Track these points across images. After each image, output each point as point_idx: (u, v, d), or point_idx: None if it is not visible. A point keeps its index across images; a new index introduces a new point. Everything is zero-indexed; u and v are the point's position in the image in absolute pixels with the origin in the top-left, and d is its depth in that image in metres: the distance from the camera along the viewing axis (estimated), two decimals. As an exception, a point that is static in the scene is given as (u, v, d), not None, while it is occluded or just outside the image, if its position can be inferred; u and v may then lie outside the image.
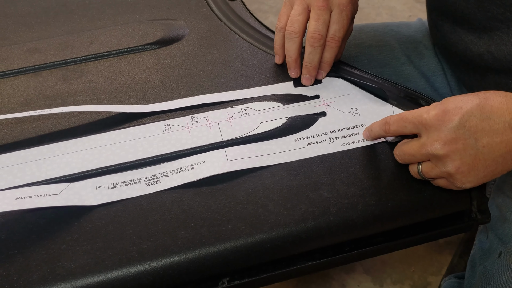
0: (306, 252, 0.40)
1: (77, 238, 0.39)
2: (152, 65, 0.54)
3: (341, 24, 0.47)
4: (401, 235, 0.42)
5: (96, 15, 0.61)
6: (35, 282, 0.37)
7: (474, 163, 0.37)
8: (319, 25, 0.47)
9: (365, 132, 0.46)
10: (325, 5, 0.47)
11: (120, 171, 0.43)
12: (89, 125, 0.47)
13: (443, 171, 0.39)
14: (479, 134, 0.37)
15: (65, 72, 0.54)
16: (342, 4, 0.47)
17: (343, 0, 0.47)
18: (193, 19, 0.60)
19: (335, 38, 0.48)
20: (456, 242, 0.96)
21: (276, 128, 0.46)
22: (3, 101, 0.51)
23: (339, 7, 0.47)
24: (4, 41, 0.58)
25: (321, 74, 0.50)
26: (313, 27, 0.47)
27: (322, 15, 0.47)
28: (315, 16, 0.47)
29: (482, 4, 0.50)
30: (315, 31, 0.47)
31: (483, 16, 0.51)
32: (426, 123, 0.38)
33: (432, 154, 0.38)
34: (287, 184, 0.42)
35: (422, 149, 0.39)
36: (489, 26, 0.51)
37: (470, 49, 0.54)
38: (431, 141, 0.38)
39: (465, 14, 0.53)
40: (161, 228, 0.39)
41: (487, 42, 0.52)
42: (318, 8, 0.47)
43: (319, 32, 0.47)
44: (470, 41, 0.54)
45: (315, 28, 0.47)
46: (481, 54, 0.53)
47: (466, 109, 0.37)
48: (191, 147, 0.45)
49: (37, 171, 0.43)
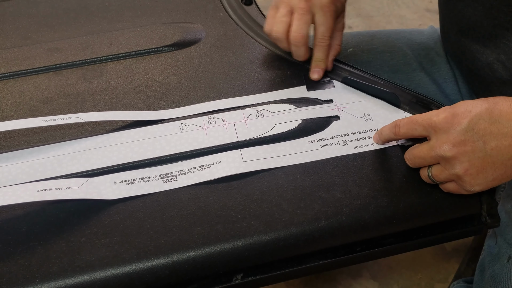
0: (318, 251, 0.41)
1: (96, 231, 0.40)
2: (170, 67, 0.55)
3: (327, 25, 0.51)
4: (411, 237, 0.42)
5: (115, 17, 0.63)
6: (55, 273, 0.38)
7: (482, 166, 0.38)
8: (300, 25, 0.50)
9: (375, 136, 0.46)
10: (306, 6, 0.50)
11: (138, 168, 0.44)
12: (109, 123, 0.49)
13: (452, 173, 0.39)
14: (488, 137, 0.37)
15: (85, 71, 0.55)
16: (325, 6, 0.50)
17: (325, 2, 0.50)
18: (210, 22, 0.61)
19: (324, 38, 0.51)
20: (463, 249, 0.96)
21: (290, 130, 0.47)
22: (25, 98, 0.52)
23: (322, 9, 0.50)
24: (26, 41, 0.60)
25: (317, 72, 0.52)
26: (294, 27, 0.50)
27: (303, 16, 0.50)
28: (296, 17, 0.50)
29: (490, 11, 0.51)
30: (295, 31, 0.50)
31: (489, 23, 0.52)
32: (436, 126, 0.39)
33: (441, 156, 0.39)
34: (301, 184, 0.43)
35: (431, 151, 0.40)
36: (495, 34, 0.52)
37: (478, 58, 0.55)
38: (440, 143, 0.39)
39: (472, 21, 0.54)
40: (177, 224, 0.40)
41: (494, 50, 0.52)
42: (299, 9, 0.50)
43: (299, 31, 0.50)
44: (477, 50, 0.55)
45: (296, 27, 0.50)
46: (490, 64, 0.54)
47: (475, 113, 0.38)
48: (207, 146, 0.46)
49: (58, 166, 0.45)
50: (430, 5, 1.64)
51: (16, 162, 0.45)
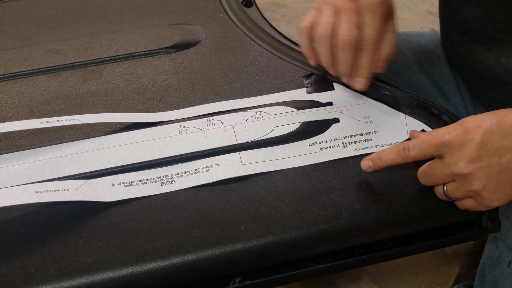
0: (317, 255, 0.41)
1: (94, 234, 0.40)
2: (169, 68, 0.55)
3: (374, 27, 0.45)
4: (411, 241, 0.42)
5: (115, 18, 0.63)
6: (52, 275, 0.38)
7: (500, 180, 0.37)
8: (348, 26, 0.45)
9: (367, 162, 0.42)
10: (354, 7, 0.45)
11: (136, 170, 0.44)
12: (107, 125, 0.49)
13: (470, 190, 0.38)
14: (502, 150, 0.37)
15: (85, 73, 0.55)
16: (373, 6, 0.45)
17: (373, 2, 0.45)
18: (210, 24, 0.61)
19: (372, 40, 0.45)
20: (464, 253, 0.96)
21: (290, 132, 0.47)
22: (24, 99, 0.52)
23: (370, 9, 0.45)
24: (26, 42, 0.59)
25: (359, 82, 0.47)
26: (343, 29, 0.45)
27: (352, 18, 0.45)
28: (344, 19, 0.45)
29: (492, 16, 0.51)
30: (345, 33, 0.45)
31: (492, 28, 0.51)
32: (449, 144, 0.38)
33: (456, 174, 0.38)
34: (300, 187, 0.43)
35: (446, 169, 0.39)
36: (498, 38, 0.51)
37: (480, 61, 0.55)
38: (454, 161, 0.38)
39: (475, 25, 0.53)
40: (175, 227, 0.40)
41: (497, 54, 0.52)
42: (346, 10, 0.45)
43: (349, 34, 0.44)
44: (480, 53, 0.54)
45: (345, 29, 0.45)
46: (491, 66, 0.53)
47: (486, 127, 0.37)
48: (206, 149, 0.46)
49: (56, 168, 0.44)
50: (432, 7, 1.64)
51: (14, 163, 0.45)
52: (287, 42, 0.58)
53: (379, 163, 0.42)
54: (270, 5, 1.75)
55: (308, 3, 1.77)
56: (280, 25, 1.66)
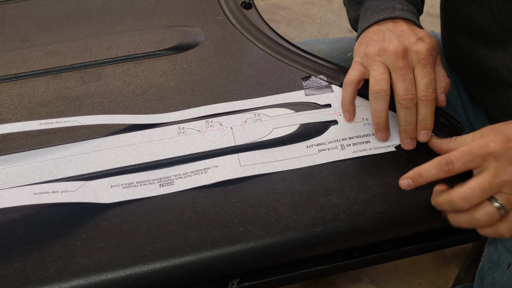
0: (315, 257, 0.41)
1: (92, 235, 0.40)
2: (168, 70, 0.55)
3: (430, 77, 0.45)
4: (409, 243, 0.42)
5: (115, 20, 0.63)
6: (50, 277, 0.38)
7: None
8: (407, 85, 0.45)
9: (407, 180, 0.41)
10: (406, 65, 0.45)
11: (135, 172, 0.44)
12: (106, 127, 0.49)
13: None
14: None
15: (84, 74, 0.55)
16: (423, 59, 0.45)
17: (422, 55, 0.46)
18: (209, 26, 0.61)
19: (429, 91, 0.45)
20: (463, 255, 0.96)
21: (288, 134, 0.47)
22: (24, 101, 0.52)
23: (420, 62, 0.45)
24: (25, 43, 0.60)
25: (426, 134, 0.45)
26: (402, 89, 0.44)
27: (407, 75, 0.45)
28: (399, 78, 0.45)
29: (498, 17, 0.51)
30: (405, 92, 0.44)
31: (498, 29, 0.51)
32: (495, 153, 0.38)
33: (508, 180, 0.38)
34: (298, 189, 0.43)
35: (496, 178, 0.38)
36: (503, 39, 0.51)
37: (484, 62, 0.55)
38: (503, 167, 0.38)
39: (479, 26, 0.53)
40: (173, 228, 0.40)
41: (502, 55, 0.52)
42: (400, 69, 0.45)
43: (410, 92, 0.44)
44: (484, 53, 0.54)
45: (404, 88, 0.44)
46: (496, 67, 0.53)
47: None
48: (205, 150, 0.46)
49: (55, 170, 0.45)
50: (431, 9, 1.64)
51: (13, 165, 0.45)
52: (286, 44, 0.58)
53: (419, 181, 0.41)
54: (270, 6, 1.76)
55: (308, 5, 1.78)
56: (280, 26, 1.66)
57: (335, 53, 0.69)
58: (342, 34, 1.65)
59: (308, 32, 1.65)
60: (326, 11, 1.75)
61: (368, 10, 0.52)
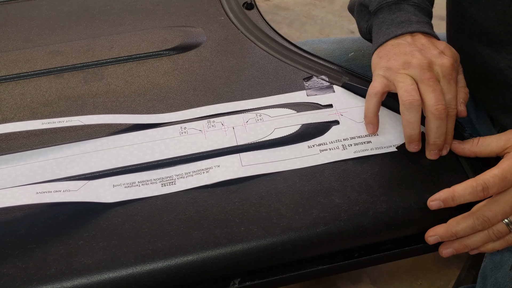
0: (316, 256, 0.41)
1: (94, 234, 0.40)
2: (171, 70, 0.55)
3: (453, 93, 0.45)
4: (410, 243, 0.42)
5: (117, 20, 0.63)
6: (52, 275, 0.38)
7: None
8: (438, 96, 0.44)
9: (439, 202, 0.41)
10: (433, 76, 0.45)
11: (137, 171, 0.45)
12: (108, 126, 0.49)
13: None
14: None
15: (86, 74, 0.55)
16: (448, 74, 0.46)
17: (447, 70, 0.46)
18: (211, 26, 0.61)
19: (452, 106, 0.45)
20: (464, 256, 0.96)
21: (290, 134, 0.47)
22: (26, 100, 0.52)
23: (445, 77, 0.45)
24: (28, 43, 0.60)
25: (446, 148, 0.46)
26: (433, 99, 0.44)
27: (436, 86, 0.44)
28: (429, 89, 0.44)
29: (503, 18, 0.51)
30: (437, 103, 0.44)
31: (502, 30, 0.51)
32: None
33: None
34: (299, 189, 0.43)
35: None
36: (507, 40, 0.51)
37: (489, 64, 0.55)
38: None
39: (484, 27, 0.53)
40: (175, 228, 0.40)
41: (507, 56, 0.52)
42: (428, 80, 0.45)
43: (442, 102, 0.44)
44: (489, 55, 0.54)
45: (436, 99, 0.44)
46: (502, 69, 0.53)
47: None
48: (206, 150, 0.46)
49: (57, 169, 0.45)
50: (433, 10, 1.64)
51: (15, 164, 0.45)
52: (288, 44, 0.58)
53: (451, 204, 0.41)
54: (272, 7, 1.76)
55: (309, 6, 1.78)
56: (282, 27, 1.66)
57: (336, 53, 0.69)
58: (344, 35, 1.65)
59: (309, 33, 1.65)
60: (328, 12, 1.75)
61: (384, 23, 0.51)
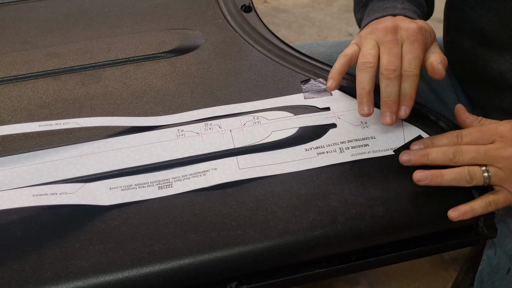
0: (313, 260, 0.41)
1: (91, 237, 0.40)
2: (168, 73, 0.55)
3: (414, 54, 0.45)
4: (407, 247, 0.42)
5: (115, 22, 0.63)
6: (48, 279, 0.38)
7: None
8: (391, 58, 0.45)
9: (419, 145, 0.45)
10: (394, 39, 0.46)
11: (134, 174, 0.44)
12: (105, 129, 0.49)
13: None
14: None
15: (84, 76, 0.55)
16: (412, 35, 0.46)
17: (412, 31, 0.46)
18: (209, 29, 0.62)
19: (411, 66, 0.45)
20: (462, 259, 0.96)
21: (287, 137, 0.47)
22: (23, 102, 0.52)
23: (408, 38, 0.46)
24: (25, 45, 0.60)
25: (404, 110, 0.46)
26: (385, 61, 0.45)
27: (392, 48, 0.45)
28: (385, 51, 0.46)
29: (505, 22, 0.51)
30: (388, 64, 0.45)
31: (505, 34, 0.52)
32: (502, 133, 0.43)
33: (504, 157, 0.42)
34: (296, 192, 0.43)
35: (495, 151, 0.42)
36: (510, 44, 0.52)
37: (491, 67, 0.55)
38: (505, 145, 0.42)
39: (486, 31, 0.54)
40: (172, 231, 0.40)
41: (509, 60, 0.52)
42: (388, 42, 0.46)
43: (393, 63, 0.45)
44: (490, 58, 0.55)
45: (387, 60, 0.45)
46: (503, 73, 0.54)
47: None
48: (204, 153, 0.46)
49: (54, 171, 0.45)
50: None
51: (12, 166, 0.45)
52: (285, 47, 0.58)
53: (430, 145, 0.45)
54: (270, 9, 1.76)
55: (308, 8, 1.78)
56: (280, 29, 1.66)
57: (334, 56, 0.69)
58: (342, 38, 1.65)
59: (307, 35, 1.66)
60: (326, 15, 1.75)
61: (371, 11, 0.53)
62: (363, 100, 0.45)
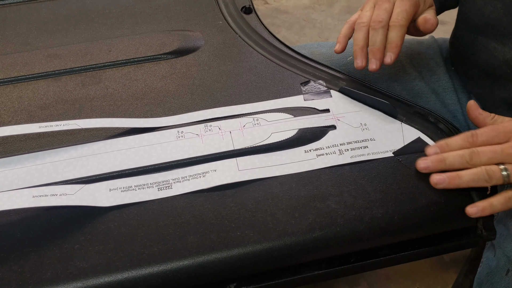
0: (312, 262, 0.41)
1: (90, 238, 0.40)
2: (168, 74, 0.55)
3: (402, 8, 0.50)
4: (406, 248, 0.42)
5: (115, 24, 0.63)
6: (47, 279, 0.38)
7: None
8: (379, 12, 0.51)
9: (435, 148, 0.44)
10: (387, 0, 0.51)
11: (133, 175, 0.45)
12: (105, 130, 0.49)
13: None
14: None
15: (84, 78, 0.55)
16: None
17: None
18: (209, 31, 0.62)
19: (398, 18, 0.50)
20: (462, 260, 0.96)
21: (286, 139, 0.47)
22: (23, 104, 0.52)
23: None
24: (26, 46, 0.60)
25: (389, 56, 0.50)
26: (374, 15, 0.51)
27: (382, 5, 0.51)
28: (377, 7, 0.51)
29: (510, 9, 0.52)
30: (375, 16, 0.50)
31: (509, 21, 0.52)
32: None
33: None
34: (296, 194, 0.43)
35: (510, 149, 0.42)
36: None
37: (495, 56, 0.55)
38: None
39: (491, 19, 0.54)
40: (171, 232, 0.40)
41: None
42: (381, 2, 0.51)
43: (380, 16, 0.50)
44: (494, 48, 0.55)
45: (375, 14, 0.51)
46: (508, 61, 0.54)
47: None
48: (203, 154, 0.46)
49: (54, 172, 0.45)
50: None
51: (12, 167, 0.45)
52: (286, 49, 0.58)
53: (445, 148, 0.44)
54: (271, 11, 1.76)
55: (308, 9, 1.78)
56: (281, 31, 1.66)
57: (335, 57, 0.69)
58: (342, 39, 1.65)
59: (308, 37, 1.66)
60: (327, 16, 1.75)
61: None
62: (357, 54, 0.51)
